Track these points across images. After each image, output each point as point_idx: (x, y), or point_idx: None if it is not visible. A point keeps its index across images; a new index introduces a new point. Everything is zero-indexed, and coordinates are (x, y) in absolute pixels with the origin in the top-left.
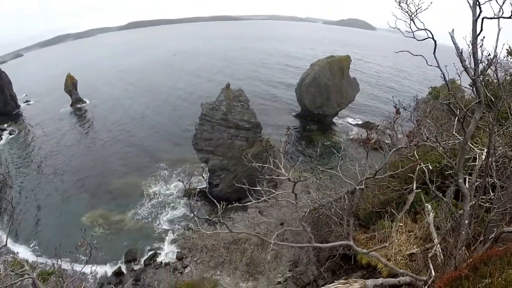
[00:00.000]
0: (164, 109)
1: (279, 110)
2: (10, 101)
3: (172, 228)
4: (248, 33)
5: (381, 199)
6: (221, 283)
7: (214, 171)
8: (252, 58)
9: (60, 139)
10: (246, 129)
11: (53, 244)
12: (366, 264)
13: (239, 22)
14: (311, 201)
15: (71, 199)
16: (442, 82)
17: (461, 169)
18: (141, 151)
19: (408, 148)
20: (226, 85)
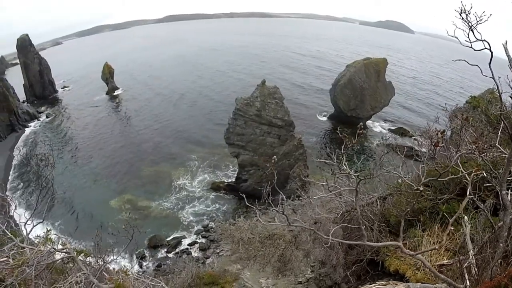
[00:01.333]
0: (197, 101)
1: (311, 110)
2: (48, 86)
3: (197, 219)
4: (284, 31)
5: (414, 207)
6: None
7: (244, 166)
8: (286, 56)
9: (94, 125)
10: (279, 126)
11: (81, 223)
12: (394, 271)
13: (275, 20)
14: (344, 204)
15: (102, 183)
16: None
17: (505, 180)
18: (172, 141)
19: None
20: (262, 82)
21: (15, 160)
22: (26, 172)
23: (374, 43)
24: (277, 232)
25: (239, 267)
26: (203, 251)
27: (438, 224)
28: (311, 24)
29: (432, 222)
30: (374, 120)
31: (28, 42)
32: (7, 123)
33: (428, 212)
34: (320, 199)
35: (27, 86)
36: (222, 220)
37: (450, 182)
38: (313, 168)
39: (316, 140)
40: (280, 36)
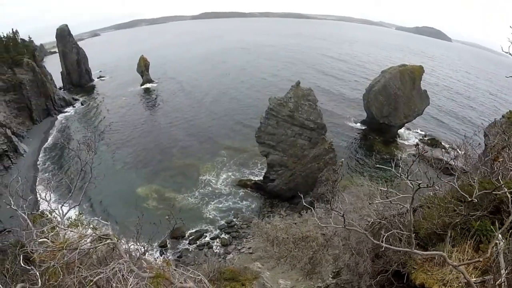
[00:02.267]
0: (228, 99)
1: (343, 114)
2: (85, 75)
3: (221, 215)
4: (319, 33)
5: (445, 221)
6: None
7: (273, 166)
8: (319, 58)
9: (127, 114)
10: (311, 129)
11: (108, 208)
12: (420, 284)
13: (310, 21)
14: (374, 212)
15: (131, 171)
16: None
17: None
18: (202, 136)
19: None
20: (296, 83)
21: (47, 144)
22: (58, 155)
23: (410, 50)
24: (310, 234)
25: (259, 266)
26: (224, 247)
27: (469, 241)
28: (346, 27)
29: (462, 238)
30: (406, 128)
31: (67, 32)
32: (44, 107)
33: (459, 227)
34: (352, 205)
35: (64, 74)
36: (248, 218)
37: (484, 198)
38: (341, 173)
39: (347, 145)
40: (315, 38)
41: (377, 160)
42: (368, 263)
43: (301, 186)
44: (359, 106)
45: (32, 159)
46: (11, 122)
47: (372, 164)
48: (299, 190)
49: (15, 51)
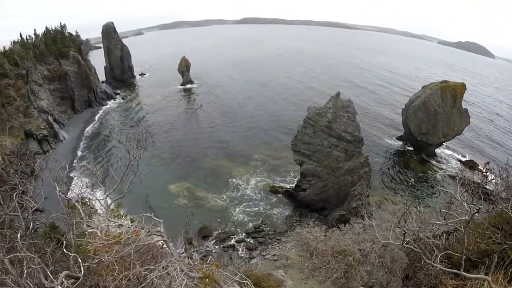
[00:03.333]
0: (267, 104)
1: (380, 129)
2: (127, 71)
3: (249, 219)
4: (359, 43)
5: (480, 248)
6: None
7: (306, 175)
8: (359, 69)
9: (165, 112)
10: (348, 141)
11: (138, 202)
12: None
13: (351, 31)
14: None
15: (165, 167)
16: None
17: None
18: (236, 139)
19: None
20: (336, 94)
21: (86, 133)
22: (96, 144)
23: (451, 65)
24: (347, 248)
25: (282, 274)
26: (249, 251)
27: (503, 271)
28: (388, 39)
29: (496, 267)
30: (444, 148)
31: (113, 29)
32: (85, 99)
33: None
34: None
35: (107, 68)
36: (276, 225)
37: None
38: (374, 189)
39: (382, 160)
40: (355, 48)
41: (412, 178)
42: (399, 283)
43: (332, 198)
44: (397, 121)
45: (70, 146)
46: (54, 110)
47: (407, 181)
48: (330, 202)
49: (62, 44)
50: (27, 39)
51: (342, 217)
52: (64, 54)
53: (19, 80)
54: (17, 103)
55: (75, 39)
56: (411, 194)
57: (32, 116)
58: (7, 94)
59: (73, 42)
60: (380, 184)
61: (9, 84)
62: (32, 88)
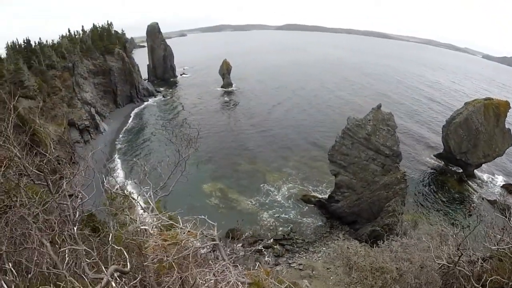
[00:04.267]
0: (304, 111)
1: (418, 144)
2: (169, 70)
3: (278, 225)
4: (401, 54)
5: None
6: None
7: (340, 187)
8: (399, 81)
9: (204, 112)
10: (386, 155)
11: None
12: None
13: (393, 41)
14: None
15: (200, 166)
16: None
17: None
18: (274, 144)
19: None
20: (378, 106)
21: (126, 127)
22: (135, 139)
23: (496, 82)
24: (386, 266)
25: (307, 284)
26: (276, 257)
27: None
28: (430, 51)
29: None
30: (484, 169)
31: (157, 29)
32: (127, 94)
33: None
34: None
35: (150, 67)
36: (305, 234)
37: None
38: (408, 206)
39: (417, 178)
40: (396, 59)
41: (448, 198)
42: None
43: (365, 212)
44: (436, 137)
45: (110, 138)
46: (96, 102)
47: (442, 201)
48: (362, 216)
49: (108, 41)
50: (75, 34)
51: (373, 233)
52: (110, 51)
53: (65, 72)
54: (62, 94)
55: (120, 37)
56: (446, 215)
57: (76, 106)
58: (53, 85)
59: (118, 39)
60: (414, 202)
61: (56, 75)
62: (77, 81)
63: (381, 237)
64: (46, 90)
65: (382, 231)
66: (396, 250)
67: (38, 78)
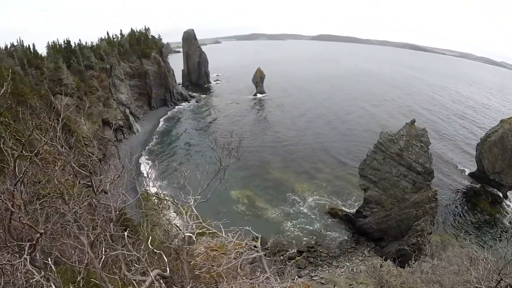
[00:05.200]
0: (335, 123)
1: (450, 162)
2: (203, 76)
3: (304, 237)
4: (436, 68)
5: None
6: None
7: (369, 202)
8: (433, 96)
9: (235, 119)
10: (417, 172)
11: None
12: None
13: (428, 54)
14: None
15: (230, 172)
16: None
17: None
18: (305, 155)
19: None
20: (411, 121)
21: (158, 129)
22: (168, 141)
23: None
24: (416, 287)
25: None
26: (298, 269)
27: None
28: (465, 64)
29: None
30: None
31: (193, 36)
32: (162, 97)
33: None
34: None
35: (185, 72)
36: (329, 247)
37: None
38: (438, 226)
39: (448, 197)
40: (431, 73)
41: (479, 220)
42: None
43: (392, 230)
44: (470, 156)
45: (142, 138)
46: (131, 104)
47: (472, 223)
48: (389, 233)
49: (145, 45)
50: (113, 38)
51: (400, 252)
52: (146, 55)
53: (103, 73)
54: (99, 93)
55: (157, 41)
56: (477, 238)
57: (111, 106)
58: (91, 84)
59: (155, 44)
60: (444, 222)
61: (94, 75)
62: (114, 82)
63: (408, 256)
64: (83, 89)
65: (410, 250)
66: (426, 271)
67: (76, 77)
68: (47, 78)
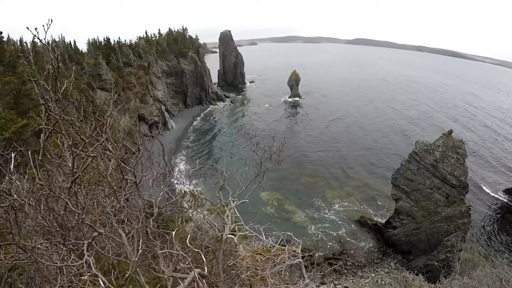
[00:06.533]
0: (371, 130)
1: (486, 178)
2: (239, 77)
3: (331, 243)
4: (474, 76)
5: None
6: None
7: (400, 213)
8: (467, 106)
9: (270, 122)
10: (452, 185)
11: None
12: None
13: (466, 62)
14: None
15: (251, 172)
16: None
17: None
18: (337, 161)
19: None
20: (449, 131)
21: (193, 127)
22: (202, 140)
23: None
24: None
25: None
26: (322, 276)
27: None
28: (505, 73)
29: None
30: None
31: (229, 37)
32: (197, 96)
33: None
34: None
35: (221, 72)
36: (356, 257)
37: None
38: (468, 243)
39: (481, 213)
40: (469, 81)
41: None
42: None
43: (421, 243)
44: (507, 171)
45: (176, 135)
46: (167, 101)
47: (507, 242)
48: (417, 247)
49: (183, 45)
50: (151, 37)
51: (427, 266)
52: (183, 54)
53: (140, 70)
54: (136, 90)
55: (194, 42)
56: (509, 258)
57: (147, 103)
58: (129, 81)
59: (192, 44)
60: (475, 239)
61: (132, 72)
62: (151, 79)
63: (436, 272)
64: (121, 85)
65: (438, 266)
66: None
67: (114, 73)
68: (86, 73)
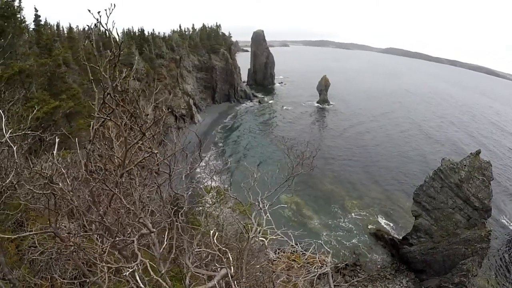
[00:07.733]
0: (398, 143)
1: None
2: (268, 77)
3: (345, 251)
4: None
5: None
6: None
7: (418, 230)
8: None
9: (296, 124)
10: (474, 207)
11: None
12: None
13: (500, 80)
14: None
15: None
16: None
17: None
18: (360, 170)
19: None
20: (477, 151)
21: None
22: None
23: None
24: None
25: None
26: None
27: None
28: None
29: None
30: None
31: (262, 37)
32: (226, 93)
33: None
34: None
35: (251, 71)
36: (369, 269)
37: None
38: (484, 269)
39: (501, 239)
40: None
41: None
42: None
43: (436, 264)
44: None
45: (202, 130)
46: (196, 95)
47: None
48: (432, 267)
49: (215, 41)
50: (185, 31)
51: None
52: (215, 50)
53: (172, 63)
54: (166, 81)
55: (227, 39)
56: None
57: (176, 95)
58: (160, 72)
59: (224, 41)
60: (492, 265)
61: (163, 64)
62: (182, 73)
63: None
64: (152, 75)
65: None
66: None
67: (146, 64)
68: (119, 61)
